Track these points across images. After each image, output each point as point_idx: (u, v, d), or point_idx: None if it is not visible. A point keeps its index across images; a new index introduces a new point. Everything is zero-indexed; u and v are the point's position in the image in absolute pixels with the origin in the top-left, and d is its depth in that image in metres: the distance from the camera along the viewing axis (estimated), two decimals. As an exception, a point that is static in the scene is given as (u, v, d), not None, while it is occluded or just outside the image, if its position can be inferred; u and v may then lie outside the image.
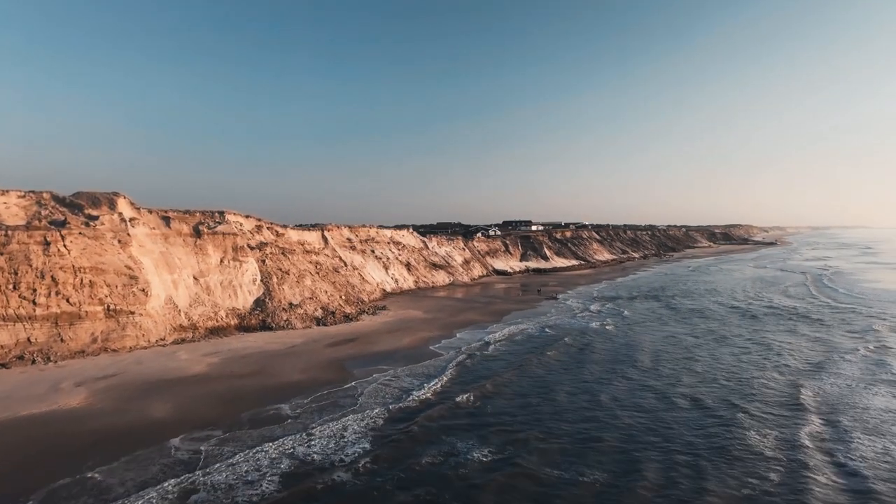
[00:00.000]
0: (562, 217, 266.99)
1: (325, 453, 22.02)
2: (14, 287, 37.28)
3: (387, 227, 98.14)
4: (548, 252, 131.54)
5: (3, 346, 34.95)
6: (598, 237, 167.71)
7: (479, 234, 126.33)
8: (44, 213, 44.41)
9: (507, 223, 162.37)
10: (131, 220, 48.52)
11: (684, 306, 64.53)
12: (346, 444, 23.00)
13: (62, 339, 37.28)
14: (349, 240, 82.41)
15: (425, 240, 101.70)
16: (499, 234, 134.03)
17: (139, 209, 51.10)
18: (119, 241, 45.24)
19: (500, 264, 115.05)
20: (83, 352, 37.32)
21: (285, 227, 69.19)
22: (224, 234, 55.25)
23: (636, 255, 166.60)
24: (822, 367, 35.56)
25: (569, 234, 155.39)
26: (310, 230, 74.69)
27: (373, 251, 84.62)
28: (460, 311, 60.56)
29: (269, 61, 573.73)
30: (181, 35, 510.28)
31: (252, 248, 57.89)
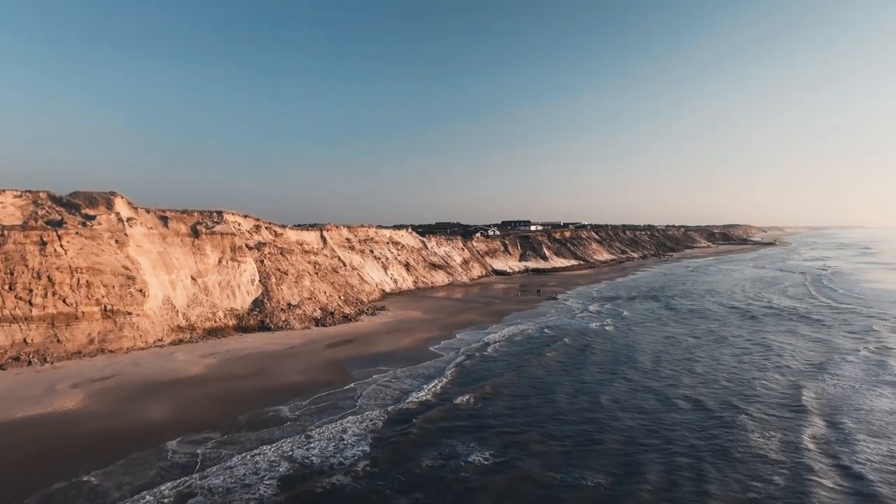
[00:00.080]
0: (561, 217, 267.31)
1: (324, 456, 21.79)
2: (10, 287, 36.98)
3: (385, 228, 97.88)
4: (547, 252, 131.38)
5: (-2, 347, 34.64)
6: (597, 237, 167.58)
7: (478, 235, 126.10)
8: (40, 212, 44.08)
9: (506, 223, 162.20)
10: (129, 219, 48.21)
11: (684, 307, 64.39)
12: (346, 446, 22.77)
13: (58, 340, 36.98)
14: (348, 240, 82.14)
15: (424, 240, 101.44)
16: (498, 234, 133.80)
17: (136, 209, 50.79)
18: (116, 241, 44.94)
19: (500, 264, 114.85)
20: (80, 353, 37.03)
21: (284, 227, 68.87)
22: (222, 234, 54.96)
23: (635, 255, 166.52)
24: (823, 368, 35.40)
25: (568, 234, 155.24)
26: (308, 230, 74.40)
27: (372, 251, 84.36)
28: (460, 312, 60.35)
29: (269, 61, 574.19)
30: (181, 35, 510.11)
31: (250, 249, 57.60)
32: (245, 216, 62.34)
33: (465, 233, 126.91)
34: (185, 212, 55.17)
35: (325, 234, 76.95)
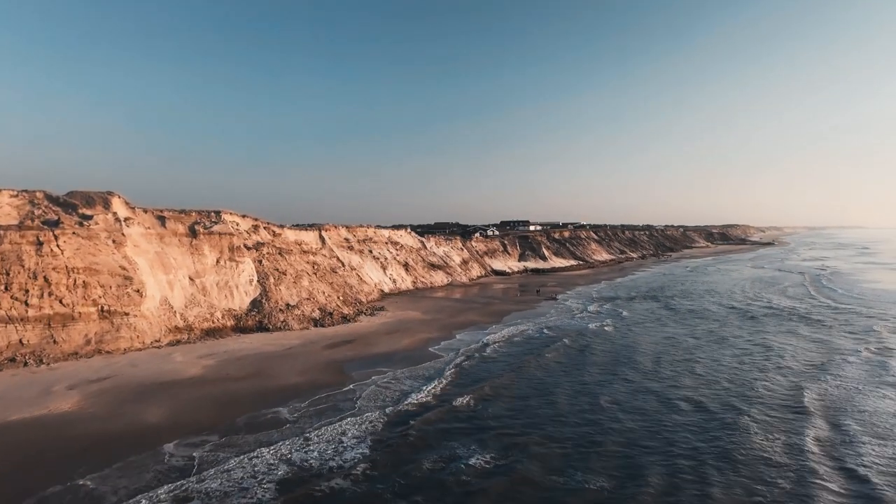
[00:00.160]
0: (561, 217, 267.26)
1: (323, 459, 21.55)
2: (6, 288, 36.66)
3: (384, 227, 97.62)
4: (546, 252, 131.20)
5: (-6, 348, 34.33)
6: (596, 237, 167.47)
7: (478, 235, 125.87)
8: (37, 212, 43.76)
9: (505, 223, 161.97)
10: (126, 219, 47.90)
11: (683, 307, 64.24)
12: (345, 448, 22.53)
13: (55, 341, 36.68)
14: (347, 240, 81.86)
15: (423, 240, 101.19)
16: (497, 234, 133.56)
17: (134, 209, 50.48)
18: (113, 241, 44.63)
19: (499, 264, 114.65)
20: (76, 354, 36.73)
21: (282, 226, 68.59)
22: (220, 234, 54.66)
23: (634, 255, 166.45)
24: (824, 369, 35.23)
25: (567, 234, 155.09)
26: (307, 230, 74.13)
27: (370, 251, 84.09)
28: (459, 312, 60.13)
29: (269, 61, 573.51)
30: (181, 35, 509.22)
31: (248, 249, 57.30)
32: (243, 216, 62.06)
33: (464, 233, 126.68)
34: (182, 212, 54.87)
35: (323, 234, 76.67)
